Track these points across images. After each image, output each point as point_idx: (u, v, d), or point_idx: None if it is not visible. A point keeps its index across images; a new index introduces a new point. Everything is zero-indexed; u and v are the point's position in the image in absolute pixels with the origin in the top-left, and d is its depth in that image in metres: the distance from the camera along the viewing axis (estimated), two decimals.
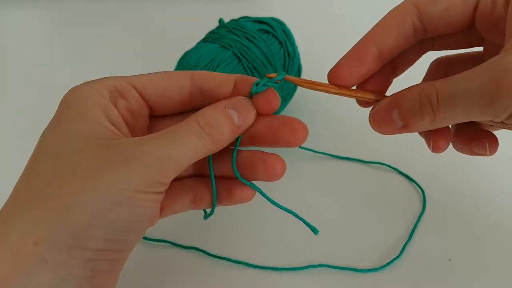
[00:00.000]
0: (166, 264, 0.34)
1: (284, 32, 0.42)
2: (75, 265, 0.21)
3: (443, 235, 0.35)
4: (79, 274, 0.22)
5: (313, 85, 0.27)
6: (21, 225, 0.21)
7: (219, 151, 0.26)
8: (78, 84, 0.26)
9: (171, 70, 0.41)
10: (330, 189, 0.39)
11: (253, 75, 0.39)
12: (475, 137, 0.28)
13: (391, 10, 0.27)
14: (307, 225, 0.27)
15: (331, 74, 0.27)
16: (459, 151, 0.29)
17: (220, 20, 0.43)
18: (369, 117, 0.27)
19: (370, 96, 0.27)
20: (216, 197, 0.28)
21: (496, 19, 0.25)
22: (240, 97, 0.26)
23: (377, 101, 0.27)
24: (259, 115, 0.26)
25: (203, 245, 0.34)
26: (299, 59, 0.43)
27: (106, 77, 0.26)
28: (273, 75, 0.26)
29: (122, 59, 0.56)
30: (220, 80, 0.27)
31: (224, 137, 0.25)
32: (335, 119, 0.46)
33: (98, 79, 0.25)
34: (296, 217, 0.27)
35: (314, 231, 0.27)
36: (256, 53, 0.39)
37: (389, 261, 0.33)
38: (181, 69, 0.40)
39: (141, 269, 0.33)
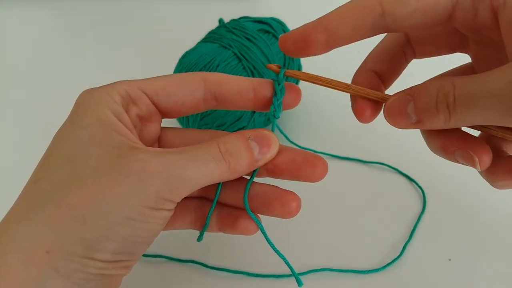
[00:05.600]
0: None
1: (284, 32, 0.42)
2: (86, 271, 0.21)
3: (443, 235, 0.35)
4: (90, 277, 0.22)
5: (318, 80, 0.26)
6: (32, 232, 0.20)
7: (234, 179, 0.25)
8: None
9: (171, 70, 0.42)
10: (330, 189, 0.39)
11: (253, 75, 0.39)
12: None
13: (353, 1, 0.24)
14: (293, 275, 0.27)
15: (280, 41, 0.25)
16: (502, 188, 0.26)
17: (220, 20, 0.43)
18: (384, 108, 0.25)
19: (382, 95, 0.26)
20: (220, 225, 0.28)
21: (480, 26, 0.23)
22: (266, 131, 0.26)
23: (381, 101, 0.26)
24: (280, 150, 0.26)
25: (200, 257, 0.34)
26: (299, 59, 0.43)
27: (117, 82, 0.25)
28: (274, 66, 0.26)
29: (122, 59, 0.56)
30: (238, 88, 0.26)
31: (240, 168, 0.24)
32: (335, 119, 0.46)
33: (110, 84, 0.25)
34: (286, 264, 0.27)
35: (299, 282, 0.27)
36: (256, 53, 0.39)
37: (389, 261, 0.33)
38: (181, 69, 0.40)
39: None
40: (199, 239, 0.29)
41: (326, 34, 0.24)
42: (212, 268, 0.33)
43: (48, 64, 0.57)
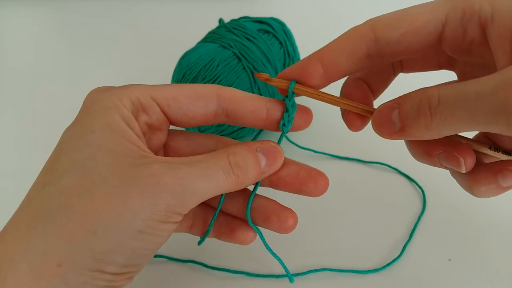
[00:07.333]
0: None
1: (284, 32, 0.42)
2: (95, 284, 0.21)
3: (443, 235, 0.35)
4: None
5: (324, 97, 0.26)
6: (42, 243, 0.20)
7: None
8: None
9: (171, 69, 0.42)
10: (330, 189, 0.39)
11: (253, 75, 0.39)
12: (500, 169, 0.25)
13: (348, 31, 0.25)
14: (286, 271, 0.30)
15: (279, 76, 0.26)
16: (483, 195, 0.26)
17: (220, 20, 0.43)
18: (372, 117, 0.26)
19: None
20: (216, 232, 0.29)
21: (469, 44, 0.23)
22: (272, 143, 0.26)
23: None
24: (284, 163, 0.27)
25: (200, 257, 0.34)
26: (299, 59, 0.43)
27: (128, 86, 0.25)
28: (263, 75, 0.26)
29: (123, 59, 0.56)
30: (252, 107, 0.26)
31: (248, 181, 0.25)
32: (335, 119, 0.45)
33: (121, 87, 0.25)
34: (281, 264, 0.29)
35: (290, 279, 0.29)
36: (256, 53, 0.39)
37: (389, 261, 0.33)
38: (181, 69, 0.40)
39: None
40: (200, 243, 0.30)
41: (322, 65, 0.25)
42: (212, 268, 0.33)
43: (48, 64, 0.57)
